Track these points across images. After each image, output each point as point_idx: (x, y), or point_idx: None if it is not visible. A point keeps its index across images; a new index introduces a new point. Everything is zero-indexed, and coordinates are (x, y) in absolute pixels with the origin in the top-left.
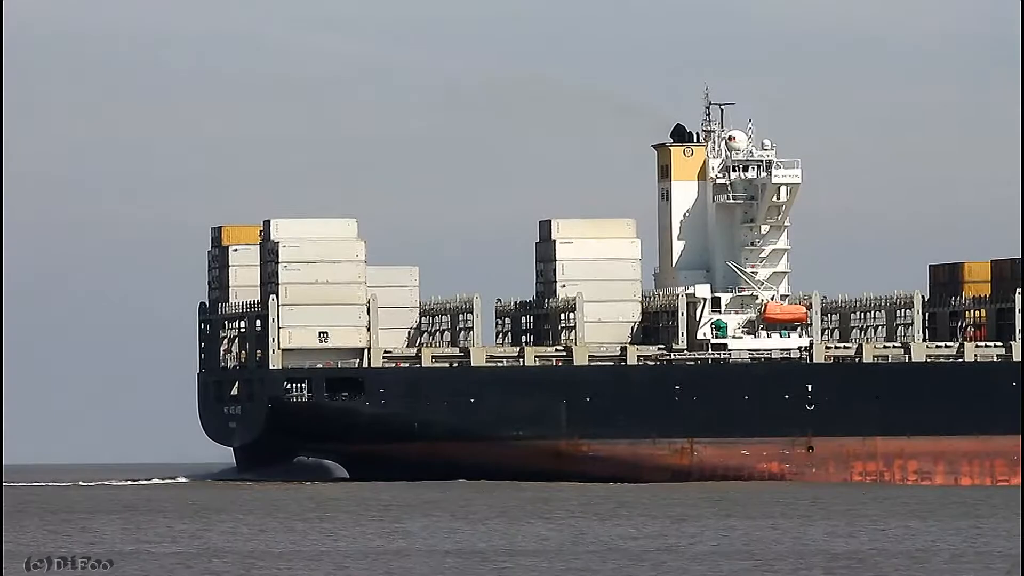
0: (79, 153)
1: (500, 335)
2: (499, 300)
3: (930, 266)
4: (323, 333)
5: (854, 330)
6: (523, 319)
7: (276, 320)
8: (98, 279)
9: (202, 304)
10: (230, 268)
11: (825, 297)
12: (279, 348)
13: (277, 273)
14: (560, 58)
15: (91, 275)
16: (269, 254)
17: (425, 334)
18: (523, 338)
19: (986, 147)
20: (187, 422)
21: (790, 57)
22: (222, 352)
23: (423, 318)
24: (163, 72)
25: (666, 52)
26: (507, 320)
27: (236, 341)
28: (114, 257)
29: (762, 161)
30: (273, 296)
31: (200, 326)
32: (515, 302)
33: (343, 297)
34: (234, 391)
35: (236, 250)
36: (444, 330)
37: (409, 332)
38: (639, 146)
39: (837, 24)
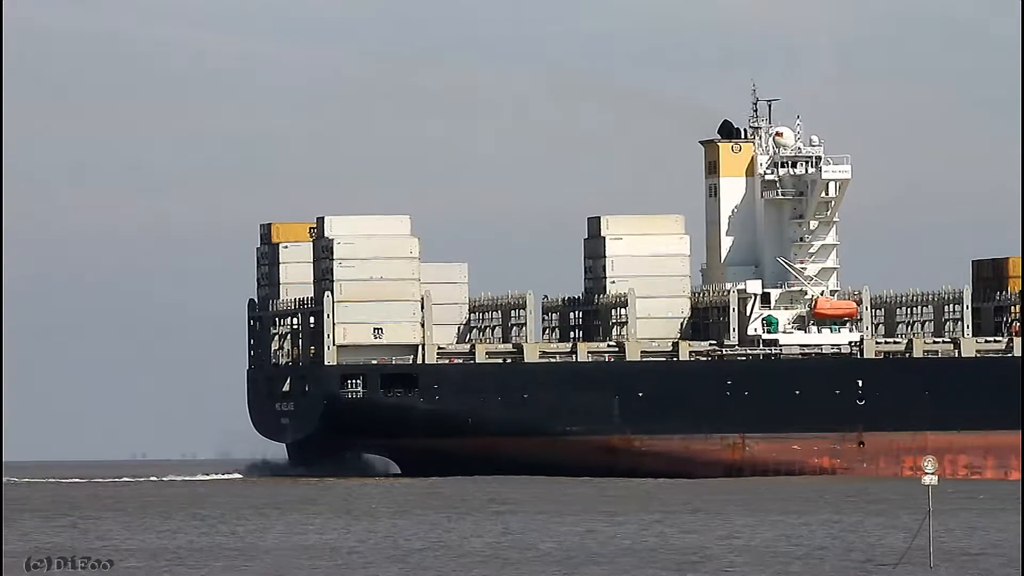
0: (126, 149)
1: (548, 331)
2: (546, 296)
3: (973, 261)
4: (377, 330)
5: (900, 325)
6: (572, 315)
7: (331, 317)
8: (147, 277)
9: (251, 301)
10: (280, 265)
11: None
12: (334, 345)
13: (331, 270)
14: (609, 55)
15: (140, 273)
16: (323, 251)
17: (475, 330)
18: (572, 334)
19: None
20: (236, 418)
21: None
22: (273, 349)
23: (473, 314)
24: (212, 70)
25: (714, 48)
26: (555, 316)
27: (288, 338)
28: (163, 254)
29: (811, 157)
30: (328, 293)
31: (250, 323)
32: (563, 298)
33: (397, 294)
34: (286, 387)
35: (286, 247)
36: (495, 326)
37: (459, 328)
38: (686, 142)
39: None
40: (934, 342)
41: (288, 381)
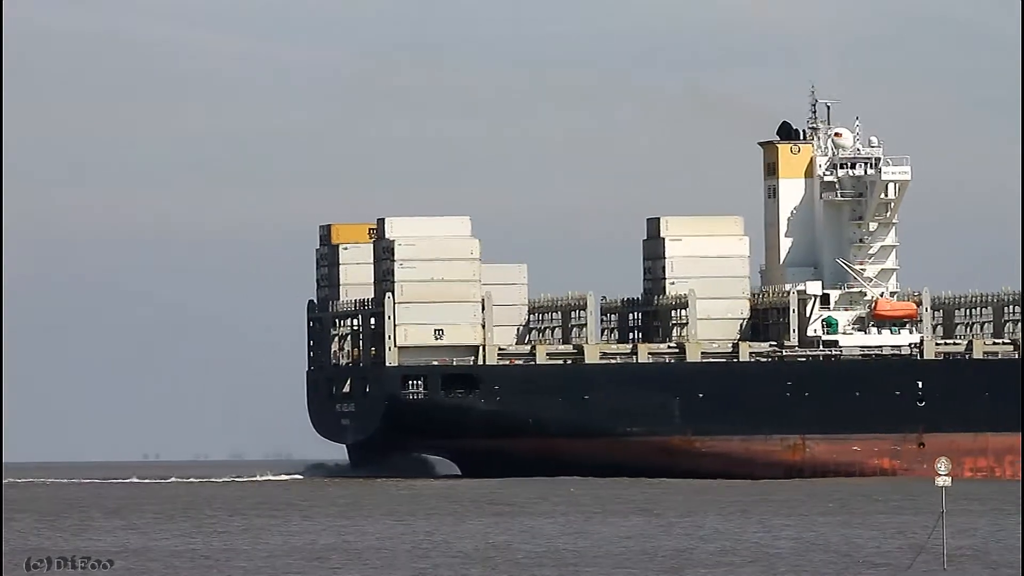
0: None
1: (607, 332)
2: (604, 297)
3: None
4: (438, 330)
5: (959, 326)
6: (630, 316)
7: (392, 318)
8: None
9: (311, 302)
10: (340, 266)
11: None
12: (395, 346)
13: (392, 271)
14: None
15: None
16: (384, 252)
17: (535, 331)
18: (631, 335)
19: None
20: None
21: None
22: (333, 350)
23: (532, 315)
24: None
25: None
26: (613, 317)
27: (348, 339)
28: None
29: (870, 158)
30: (389, 294)
31: (309, 324)
32: (622, 299)
33: (458, 295)
34: (346, 388)
35: (346, 248)
36: (555, 327)
37: (518, 329)
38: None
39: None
40: (994, 343)
41: (349, 382)
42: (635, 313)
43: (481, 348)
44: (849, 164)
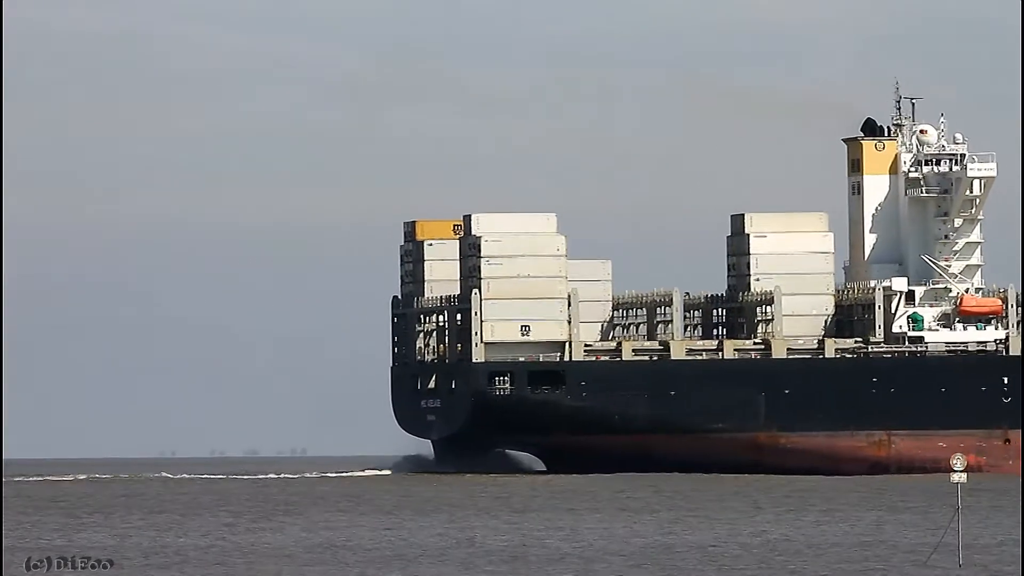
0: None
1: (690, 328)
2: (687, 293)
3: None
4: (525, 327)
5: None
6: (714, 312)
7: (478, 314)
8: (286, 274)
9: (395, 298)
10: (425, 262)
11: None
12: (481, 342)
13: (479, 267)
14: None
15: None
16: (470, 248)
17: (619, 327)
18: (715, 331)
19: None
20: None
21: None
22: (419, 346)
23: (616, 311)
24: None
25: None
26: (696, 313)
27: (434, 335)
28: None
29: (955, 154)
30: (475, 290)
31: (393, 320)
32: (705, 295)
33: (545, 291)
34: (432, 384)
35: (431, 244)
36: (639, 323)
37: (602, 326)
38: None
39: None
40: None
41: (434, 378)
42: (719, 309)
43: (567, 344)
44: (934, 160)
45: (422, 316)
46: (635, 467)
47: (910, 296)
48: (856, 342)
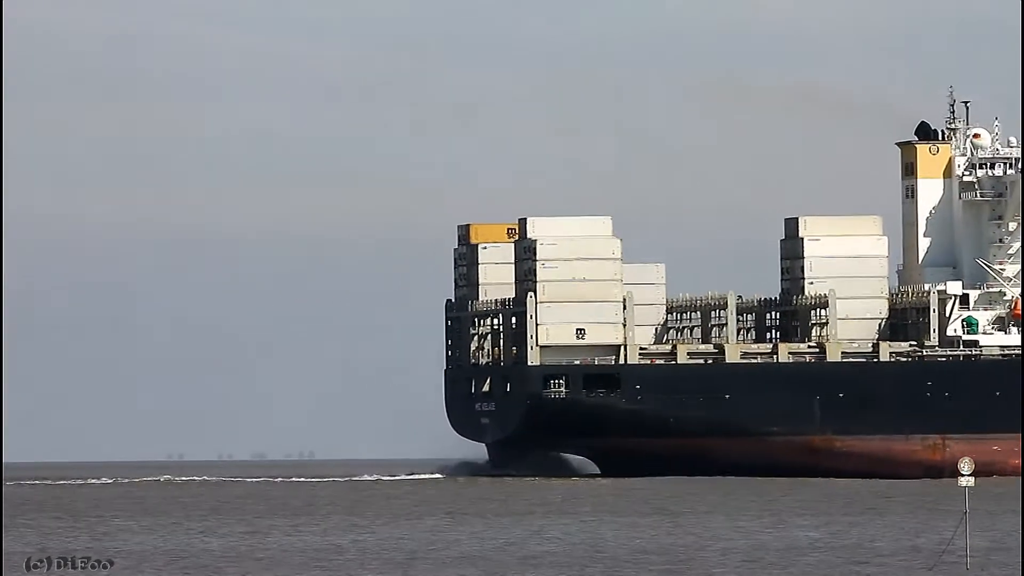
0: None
1: (743, 331)
2: (740, 297)
3: None
4: (580, 330)
5: None
6: (768, 315)
7: (534, 317)
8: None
9: (449, 301)
10: (480, 266)
11: None
12: (536, 345)
13: (535, 271)
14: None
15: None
16: (525, 251)
17: (673, 331)
18: (768, 334)
19: None
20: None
21: None
22: (473, 349)
23: (670, 315)
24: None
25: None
26: (750, 317)
27: (488, 338)
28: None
29: (1009, 158)
30: (530, 293)
31: (447, 323)
32: (759, 299)
33: (600, 294)
34: (486, 387)
35: (485, 248)
36: (693, 327)
37: (656, 329)
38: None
39: None
40: None
41: (489, 381)
42: (772, 313)
43: (622, 347)
44: (988, 164)
45: (476, 319)
46: (689, 470)
47: (964, 300)
48: (911, 345)
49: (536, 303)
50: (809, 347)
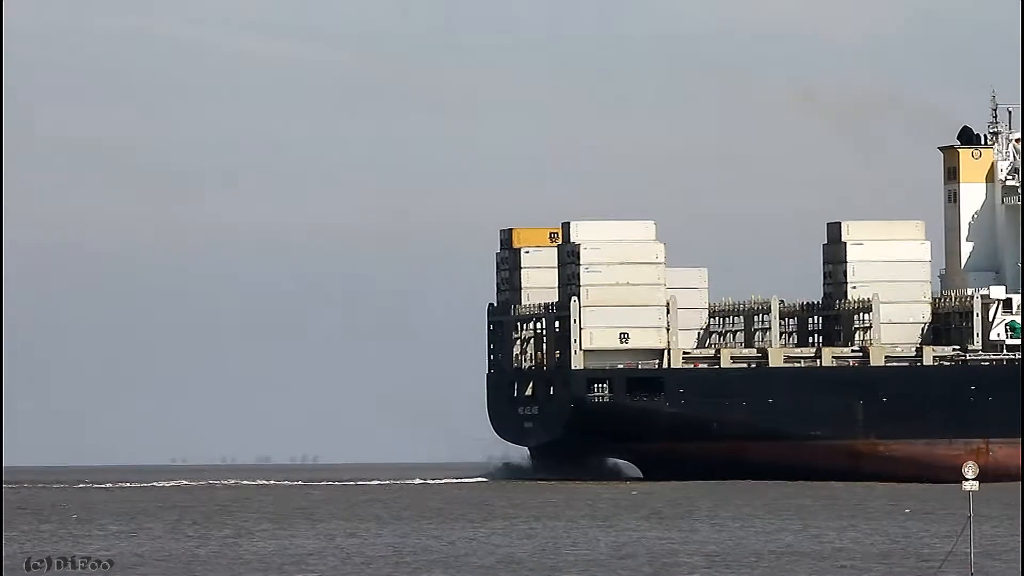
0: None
1: (785, 335)
2: (782, 301)
3: None
4: (624, 334)
5: None
6: (810, 320)
7: (577, 321)
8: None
9: (491, 305)
10: (522, 270)
11: None
12: (580, 349)
13: (578, 275)
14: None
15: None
16: (569, 256)
17: (715, 335)
18: (811, 338)
19: None
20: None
21: None
22: (515, 353)
23: (712, 319)
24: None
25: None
26: (791, 321)
27: (531, 342)
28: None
29: None
30: (574, 297)
31: (489, 327)
32: (801, 303)
33: (644, 298)
34: (529, 391)
35: (528, 252)
36: (736, 331)
37: (699, 333)
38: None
39: None
40: None
41: (532, 385)
42: (815, 317)
43: (665, 352)
44: None
45: (519, 323)
46: (732, 474)
47: (1007, 304)
48: (954, 350)
49: (580, 307)
50: (852, 351)
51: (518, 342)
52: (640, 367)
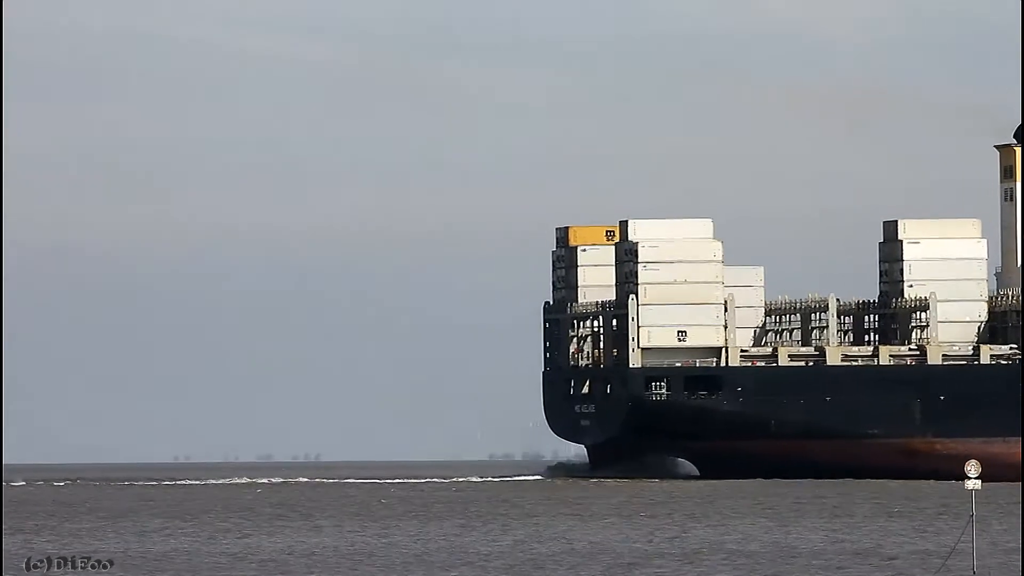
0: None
1: (841, 334)
2: (838, 300)
3: None
4: (681, 332)
5: None
6: (866, 318)
7: (635, 319)
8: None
9: (547, 303)
10: (579, 268)
11: None
12: (638, 347)
13: (636, 273)
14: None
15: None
16: (626, 254)
17: (771, 333)
18: (866, 337)
19: None
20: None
21: None
22: (571, 351)
23: (768, 317)
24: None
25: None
26: (847, 319)
27: (588, 340)
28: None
29: None
30: (632, 296)
31: (545, 325)
32: (857, 301)
33: (702, 297)
34: (586, 389)
35: (584, 250)
36: (792, 329)
37: (755, 331)
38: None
39: None
40: None
41: (588, 383)
42: (871, 315)
43: (723, 350)
44: None
45: (575, 321)
46: (789, 472)
47: None
48: (1012, 348)
49: (638, 305)
50: (910, 350)
51: (574, 340)
52: (698, 365)
